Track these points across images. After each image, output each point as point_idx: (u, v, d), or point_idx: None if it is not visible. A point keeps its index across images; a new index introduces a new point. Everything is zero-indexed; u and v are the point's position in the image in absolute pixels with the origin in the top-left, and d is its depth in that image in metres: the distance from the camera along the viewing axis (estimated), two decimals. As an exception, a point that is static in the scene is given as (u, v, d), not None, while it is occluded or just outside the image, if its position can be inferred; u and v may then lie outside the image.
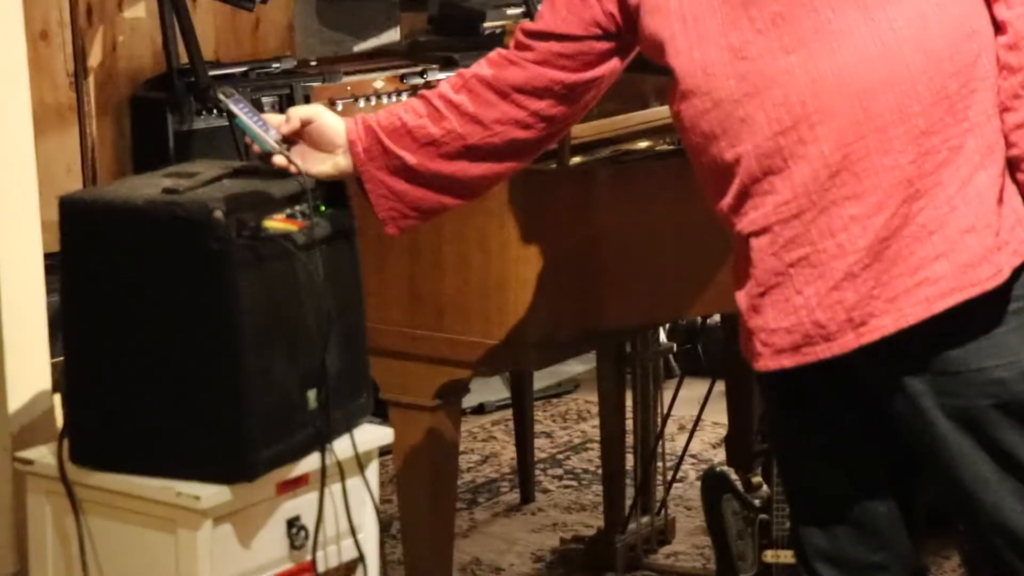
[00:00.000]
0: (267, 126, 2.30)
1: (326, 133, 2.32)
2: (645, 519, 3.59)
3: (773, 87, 2.06)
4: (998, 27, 2.08)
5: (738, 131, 2.09)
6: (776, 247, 2.11)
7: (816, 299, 2.10)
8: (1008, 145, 2.09)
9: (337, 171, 2.33)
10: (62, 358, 2.26)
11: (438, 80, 3.84)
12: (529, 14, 4.22)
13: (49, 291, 2.46)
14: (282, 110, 4.02)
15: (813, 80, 2.05)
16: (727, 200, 2.15)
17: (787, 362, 2.15)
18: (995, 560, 2.16)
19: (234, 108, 2.30)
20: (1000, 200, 2.08)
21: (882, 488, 2.23)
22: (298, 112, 2.32)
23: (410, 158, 2.30)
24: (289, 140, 2.31)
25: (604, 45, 2.28)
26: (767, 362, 2.16)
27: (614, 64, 2.30)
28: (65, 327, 2.24)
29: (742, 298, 2.18)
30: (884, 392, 2.15)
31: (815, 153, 2.06)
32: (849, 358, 2.12)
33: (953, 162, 2.07)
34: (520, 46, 2.31)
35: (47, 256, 2.47)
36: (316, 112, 2.33)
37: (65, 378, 2.26)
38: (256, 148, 2.31)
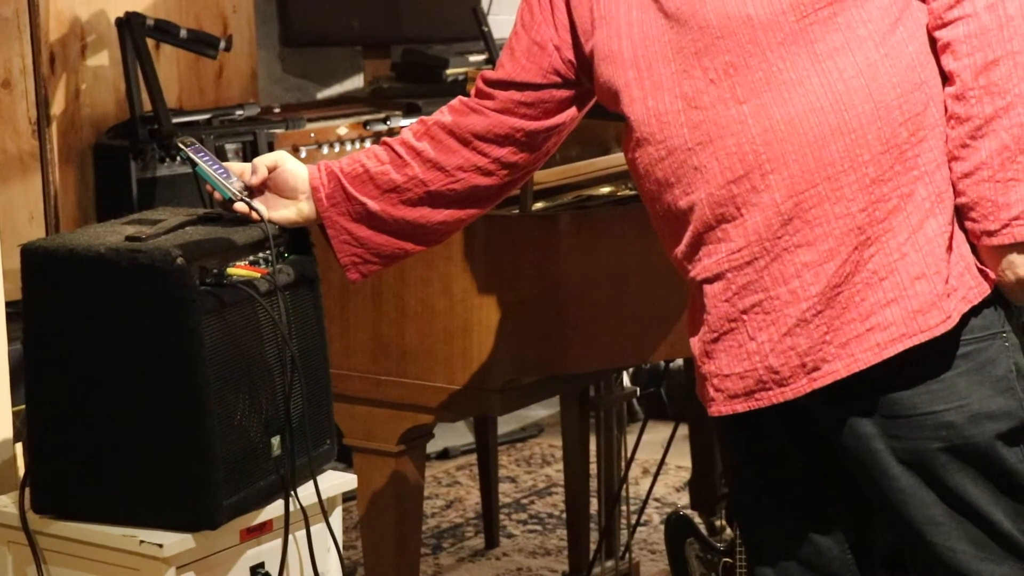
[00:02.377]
0: (228, 173, 2.30)
1: (289, 179, 2.33)
2: (609, 563, 3.59)
3: (726, 136, 2.08)
4: (946, 78, 2.10)
5: (692, 179, 2.11)
6: (729, 294, 2.13)
7: (769, 345, 2.12)
8: (956, 194, 2.10)
9: (300, 217, 2.33)
10: (23, 406, 2.25)
11: (401, 127, 3.86)
12: (491, 61, 4.25)
13: (11, 339, 2.45)
14: (246, 157, 4.06)
15: (765, 129, 2.06)
16: (681, 247, 2.16)
17: (740, 407, 2.16)
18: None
19: (194, 156, 2.30)
20: (950, 247, 2.10)
21: (836, 530, 2.24)
22: (264, 160, 2.33)
23: (372, 204, 2.31)
24: (251, 187, 2.32)
25: (564, 93, 2.30)
26: (720, 407, 2.18)
27: (574, 111, 2.32)
28: (27, 375, 2.23)
29: (696, 344, 2.19)
30: (836, 435, 2.16)
31: (767, 201, 2.08)
32: (802, 402, 2.14)
33: (903, 209, 2.08)
34: (481, 94, 2.33)
35: (9, 304, 2.46)
36: (280, 158, 2.34)
37: (27, 427, 2.25)
38: (217, 196, 2.32)
